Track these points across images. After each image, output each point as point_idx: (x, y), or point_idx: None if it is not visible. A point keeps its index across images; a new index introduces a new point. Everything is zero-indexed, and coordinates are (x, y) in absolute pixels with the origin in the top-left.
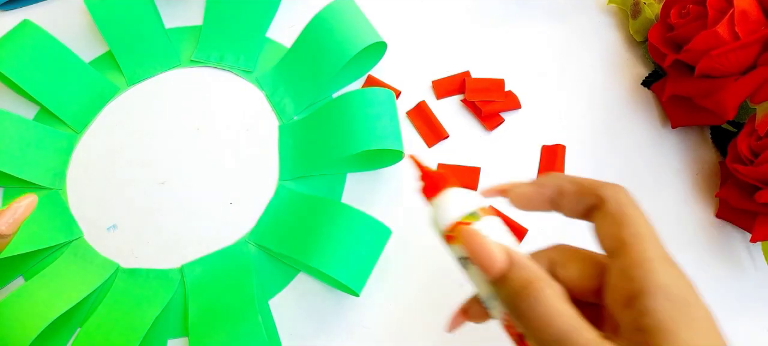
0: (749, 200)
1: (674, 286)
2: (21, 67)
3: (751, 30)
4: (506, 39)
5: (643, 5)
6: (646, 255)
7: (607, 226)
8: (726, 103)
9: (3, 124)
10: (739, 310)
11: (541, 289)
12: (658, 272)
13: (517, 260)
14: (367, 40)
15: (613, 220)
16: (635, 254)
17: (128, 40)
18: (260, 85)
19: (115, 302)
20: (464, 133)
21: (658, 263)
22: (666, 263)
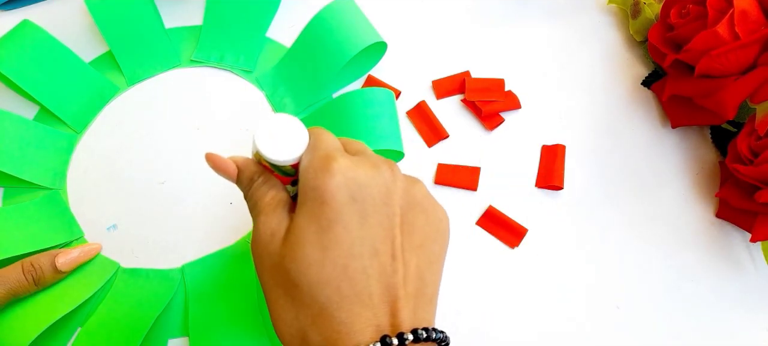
0: (749, 199)
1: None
2: (21, 67)
3: (751, 30)
4: (506, 39)
5: (643, 5)
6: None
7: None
8: (726, 103)
9: (3, 124)
10: (739, 310)
11: (254, 179)
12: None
13: (240, 165)
14: (367, 40)
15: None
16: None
17: (128, 40)
18: (260, 85)
19: (115, 302)
20: (464, 133)
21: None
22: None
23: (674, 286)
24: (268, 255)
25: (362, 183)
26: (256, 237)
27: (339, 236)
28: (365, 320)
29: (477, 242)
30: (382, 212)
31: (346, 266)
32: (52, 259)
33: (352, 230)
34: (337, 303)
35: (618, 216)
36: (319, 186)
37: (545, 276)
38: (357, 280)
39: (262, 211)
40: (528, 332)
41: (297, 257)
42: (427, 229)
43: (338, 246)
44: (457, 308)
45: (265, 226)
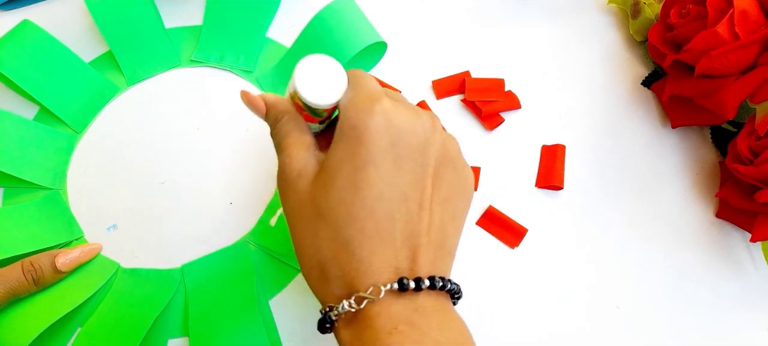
0: (749, 199)
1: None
2: (21, 67)
3: (751, 30)
4: (506, 39)
5: (643, 5)
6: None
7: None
8: (726, 103)
9: (3, 124)
10: (739, 310)
11: (279, 118)
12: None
13: (269, 103)
14: (368, 40)
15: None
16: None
17: (128, 40)
18: (260, 85)
19: (115, 302)
20: (464, 133)
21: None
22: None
23: (674, 286)
24: (294, 192)
25: (402, 129)
26: (283, 174)
27: (371, 177)
28: (385, 261)
29: (477, 242)
30: (416, 161)
31: (373, 208)
32: (52, 259)
33: (385, 173)
34: (360, 241)
35: (618, 216)
36: (358, 126)
37: (545, 276)
38: (382, 222)
39: (285, 149)
40: (528, 332)
41: (327, 193)
42: (455, 184)
43: (369, 187)
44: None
45: (290, 166)
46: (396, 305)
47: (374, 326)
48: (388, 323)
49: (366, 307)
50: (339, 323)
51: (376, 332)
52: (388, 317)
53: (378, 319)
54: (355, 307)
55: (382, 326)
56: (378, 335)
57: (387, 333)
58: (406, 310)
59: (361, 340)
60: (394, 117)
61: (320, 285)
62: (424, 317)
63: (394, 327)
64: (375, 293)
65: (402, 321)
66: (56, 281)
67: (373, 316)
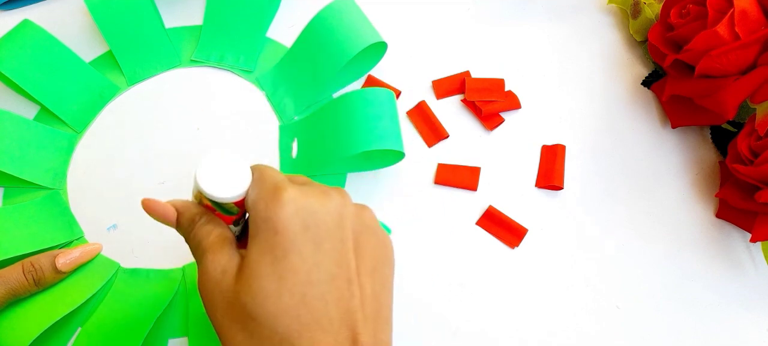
0: (749, 199)
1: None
2: (21, 67)
3: (751, 30)
4: (506, 39)
5: (643, 5)
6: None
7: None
8: (726, 103)
9: (3, 124)
10: (739, 310)
11: (195, 221)
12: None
13: (179, 208)
14: (368, 40)
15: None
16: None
17: (128, 40)
18: (260, 85)
19: (115, 301)
20: (464, 133)
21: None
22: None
23: (674, 286)
24: (220, 293)
25: (314, 210)
26: (206, 276)
27: (294, 264)
28: (326, 345)
29: (477, 242)
30: (335, 237)
31: (303, 294)
32: (52, 259)
33: (307, 257)
34: (298, 332)
35: (618, 216)
36: (270, 217)
37: (545, 276)
38: (316, 307)
39: (208, 249)
40: (528, 333)
41: (253, 290)
42: (377, 252)
43: (294, 275)
44: (458, 308)
45: (214, 264)
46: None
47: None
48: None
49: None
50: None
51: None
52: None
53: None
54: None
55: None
56: None
57: None
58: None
59: None
60: (303, 201)
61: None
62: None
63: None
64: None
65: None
66: (57, 282)
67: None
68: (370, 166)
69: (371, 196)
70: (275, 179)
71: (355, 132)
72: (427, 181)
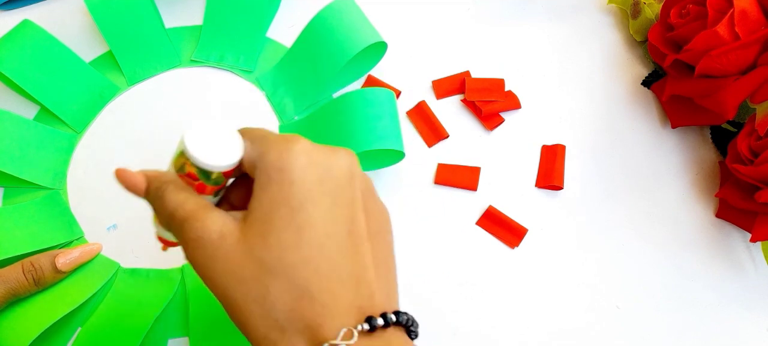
0: (749, 199)
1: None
2: (21, 67)
3: (751, 30)
4: (506, 39)
5: (643, 5)
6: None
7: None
8: (726, 103)
9: (3, 124)
10: (739, 310)
11: (164, 189)
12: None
13: (150, 176)
14: (368, 40)
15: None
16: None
17: (128, 40)
18: (260, 85)
19: (115, 301)
20: (464, 133)
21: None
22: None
23: (674, 286)
24: (223, 256)
25: (326, 164)
26: (198, 243)
27: (312, 215)
28: (347, 301)
29: (477, 242)
30: (348, 193)
31: (322, 246)
32: (52, 259)
33: (324, 209)
34: (318, 285)
35: (618, 216)
36: (285, 167)
37: (545, 276)
38: (335, 260)
39: (189, 216)
40: (528, 333)
41: (269, 243)
42: (381, 217)
43: (312, 227)
44: (457, 308)
45: (205, 230)
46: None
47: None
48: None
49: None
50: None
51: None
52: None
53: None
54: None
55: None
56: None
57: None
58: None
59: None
60: (316, 154)
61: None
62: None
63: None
64: (347, 336)
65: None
66: (57, 281)
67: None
68: (370, 167)
69: None
70: (282, 134)
71: (355, 132)
72: (427, 181)
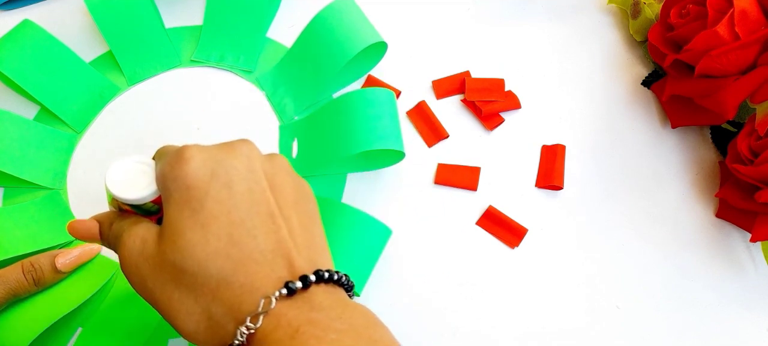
0: (749, 199)
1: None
2: (21, 67)
3: (751, 30)
4: (506, 39)
5: (643, 5)
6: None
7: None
8: (726, 103)
9: (3, 124)
10: (739, 310)
11: (113, 223)
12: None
13: (101, 219)
14: (368, 40)
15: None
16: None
17: (128, 40)
18: (260, 85)
19: (116, 302)
20: (464, 133)
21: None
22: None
23: (674, 286)
24: (145, 261)
25: (220, 159)
26: (126, 252)
27: (213, 210)
28: (263, 276)
29: (477, 242)
30: (248, 178)
31: (230, 235)
32: (52, 259)
33: (223, 201)
34: (232, 269)
35: (618, 216)
36: (178, 175)
37: (545, 276)
38: (245, 243)
39: (122, 235)
40: (528, 332)
41: (178, 245)
42: (297, 189)
43: (215, 220)
44: (457, 308)
45: (131, 238)
46: (291, 310)
47: (275, 339)
48: (288, 329)
49: (263, 324)
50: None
51: (279, 342)
52: (287, 324)
53: (278, 330)
54: (252, 327)
55: (283, 334)
56: (282, 345)
57: (290, 338)
58: (302, 312)
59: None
60: (206, 153)
61: (213, 334)
62: (323, 312)
63: (296, 330)
64: (266, 305)
65: (302, 322)
66: (57, 282)
67: (271, 330)
68: (370, 167)
69: (371, 196)
70: (173, 146)
71: (355, 132)
72: (427, 181)
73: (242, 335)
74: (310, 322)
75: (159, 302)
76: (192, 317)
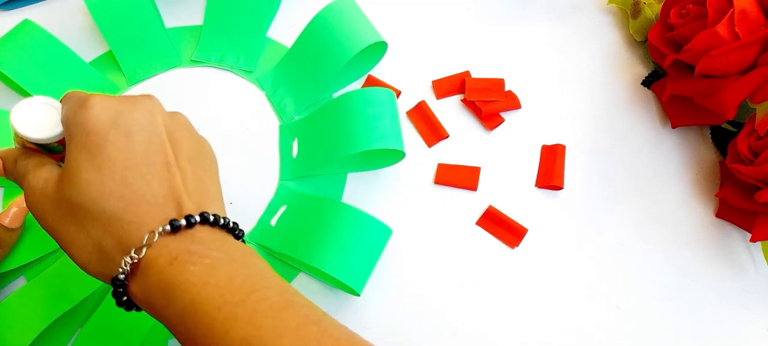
0: (749, 199)
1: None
2: (21, 67)
3: (751, 30)
4: (506, 39)
5: (643, 5)
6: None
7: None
8: (726, 103)
9: (3, 124)
10: (739, 310)
11: (16, 159)
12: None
13: (3, 154)
14: (368, 40)
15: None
16: None
17: (129, 40)
18: (261, 85)
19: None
20: (464, 133)
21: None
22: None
23: (674, 286)
24: (46, 199)
25: (122, 110)
26: (31, 192)
27: (110, 154)
28: (153, 215)
29: (477, 242)
30: (148, 130)
31: (124, 178)
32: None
33: (121, 146)
34: (123, 209)
35: (618, 216)
36: (80, 121)
37: (545, 276)
38: (138, 186)
39: (27, 174)
40: (528, 333)
41: (75, 183)
42: (195, 146)
43: (111, 163)
44: (458, 308)
45: (35, 179)
46: (173, 242)
47: (156, 266)
48: (168, 257)
49: (146, 255)
50: (129, 285)
51: (158, 270)
52: (167, 253)
53: (158, 259)
54: (136, 258)
55: (163, 262)
56: (160, 272)
57: (168, 264)
58: (183, 244)
59: (146, 284)
60: (109, 103)
61: (103, 265)
62: (203, 244)
63: (174, 258)
64: (151, 238)
65: (181, 252)
66: (14, 240)
67: (153, 259)
68: (370, 166)
69: (371, 196)
70: (80, 93)
71: (355, 132)
72: (427, 181)
73: (126, 263)
74: (189, 251)
75: (57, 235)
76: (85, 249)
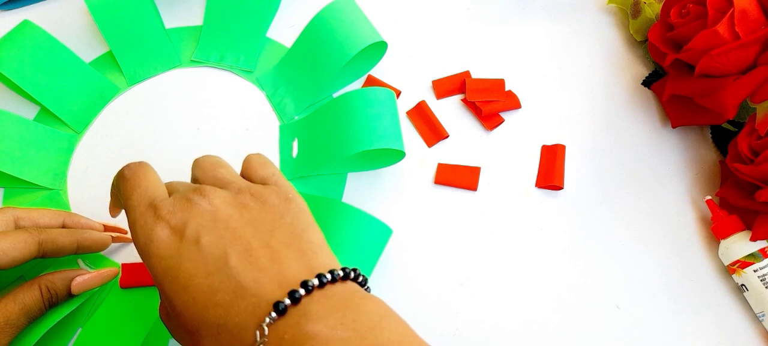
0: (749, 199)
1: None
2: (21, 68)
3: (751, 29)
4: (506, 39)
5: (643, 5)
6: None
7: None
8: (726, 102)
9: (3, 124)
10: (739, 310)
11: None
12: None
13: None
14: (368, 40)
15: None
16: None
17: (128, 40)
18: (261, 85)
19: (116, 302)
20: (464, 133)
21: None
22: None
23: (674, 286)
24: (169, 327)
25: (183, 220)
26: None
27: (189, 269)
28: (254, 307)
29: (477, 242)
30: (213, 229)
31: (210, 285)
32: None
33: (195, 258)
34: (223, 314)
35: (618, 216)
36: (152, 264)
37: (545, 276)
38: (226, 286)
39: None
40: (528, 332)
41: (176, 311)
42: (268, 215)
43: (194, 277)
44: (458, 308)
45: (160, 311)
46: (288, 330)
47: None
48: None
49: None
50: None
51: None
52: (286, 343)
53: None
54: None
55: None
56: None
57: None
58: (299, 329)
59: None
60: (167, 229)
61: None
62: (321, 322)
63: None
64: (261, 334)
65: (298, 336)
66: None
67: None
68: (370, 166)
69: (371, 195)
70: (146, 223)
71: (355, 131)
72: (427, 181)
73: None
74: (308, 336)
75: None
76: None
